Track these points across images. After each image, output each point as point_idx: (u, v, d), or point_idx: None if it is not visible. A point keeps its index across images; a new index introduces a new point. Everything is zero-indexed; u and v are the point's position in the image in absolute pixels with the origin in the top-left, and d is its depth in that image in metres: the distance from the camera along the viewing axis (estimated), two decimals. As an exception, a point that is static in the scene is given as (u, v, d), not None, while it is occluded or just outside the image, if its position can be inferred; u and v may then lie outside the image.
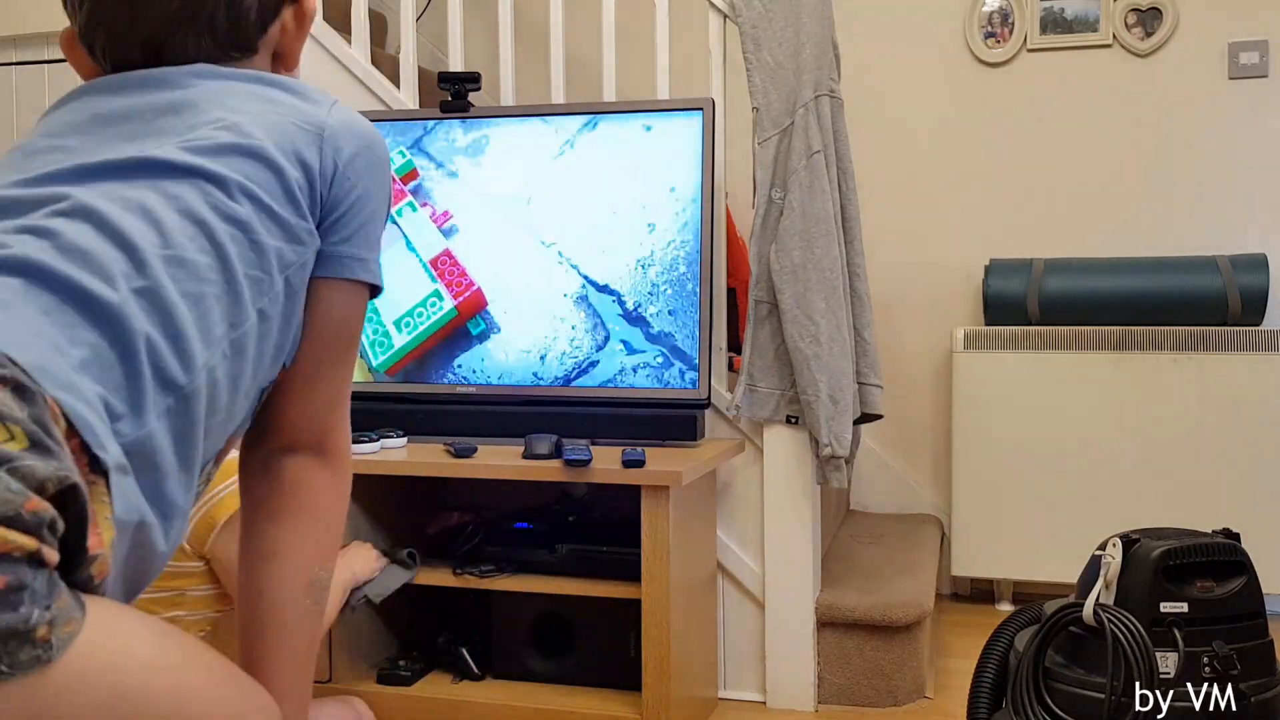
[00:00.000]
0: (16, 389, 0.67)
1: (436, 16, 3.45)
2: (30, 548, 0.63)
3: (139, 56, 0.92)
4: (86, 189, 0.80)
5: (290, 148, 0.88)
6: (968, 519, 2.97)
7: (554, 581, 2.10)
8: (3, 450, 0.63)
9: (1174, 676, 1.42)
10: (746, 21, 2.32)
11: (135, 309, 0.75)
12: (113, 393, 0.73)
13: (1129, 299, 2.89)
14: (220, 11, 0.92)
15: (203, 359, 0.79)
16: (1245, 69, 3.08)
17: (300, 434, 0.93)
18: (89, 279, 0.74)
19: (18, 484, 0.63)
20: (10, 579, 0.62)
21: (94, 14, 0.91)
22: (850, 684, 2.30)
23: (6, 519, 0.62)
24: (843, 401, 2.21)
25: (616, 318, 2.26)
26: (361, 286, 0.94)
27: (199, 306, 0.79)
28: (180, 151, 0.83)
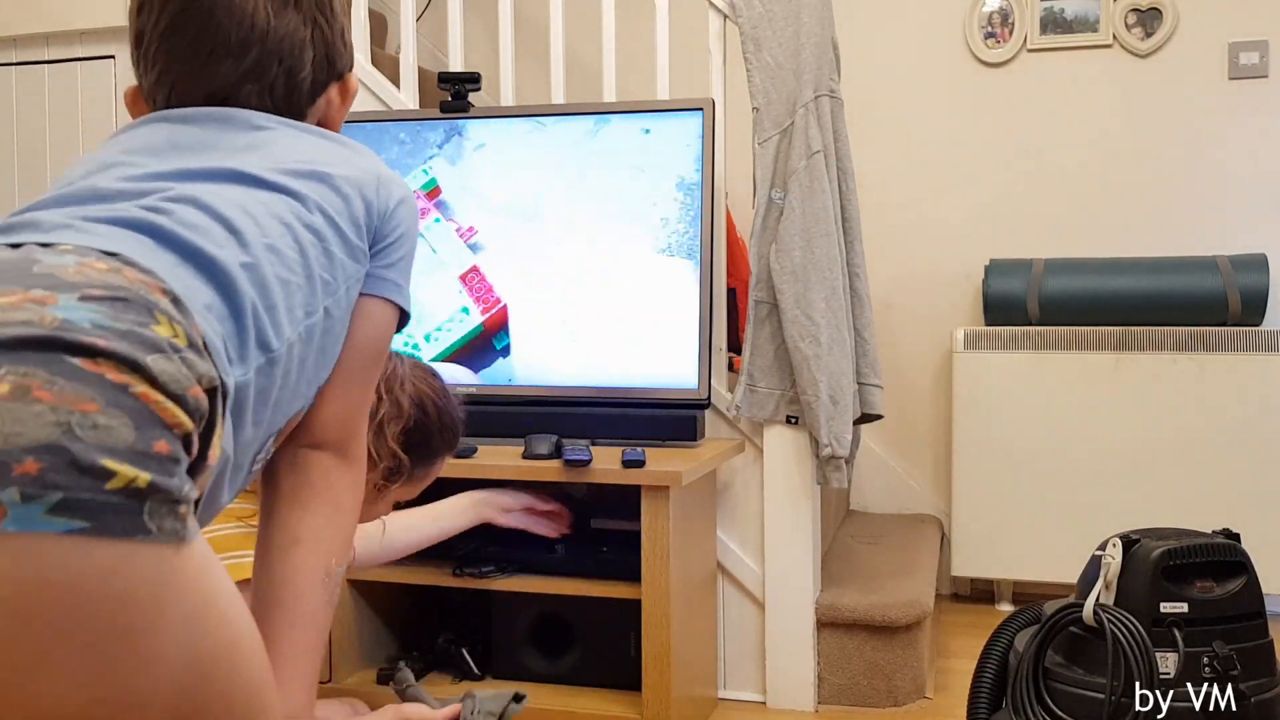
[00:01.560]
0: (175, 301, 0.77)
1: (436, 16, 3.45)
2: (189, 429, 0.72)
3: (201, 100, 1.01)
4: (188, 185, 0.90)
5: (355, 185, 1.00)
6: (968, 519, 2.97)
7: (554, 581, 2.10)
8: (173, 341, 0.73)
9: (1174, 676, 1.42)
10: (746, 21, 2.32)
11: (243, 276, 0.85)
12: (229, 338, 0.83)
13: (1129, 299, 2.89)
14: (280, 80, 1.03)
15: (288, 332, 0.89)
16: (1245, 69, 3.08)
17: (329, 434, 1.01)
18: (208, 244, 0.84)
19: (187, 370, 0.72)
20: (172, 448, 0.70)
21: (166, 72, 1.01)
22: (850, 684, 2.30)
23: (176, 396, 0.70)
24: (843, 402, 2.21)
25: (617, 318, 2.26)
26: (394, 309, 1.05)
27: (286, 289, 0.90)
28: (266, 170, 0.95)
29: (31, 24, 2.70)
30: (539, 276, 2.31)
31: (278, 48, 1.02)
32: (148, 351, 0.70)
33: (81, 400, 0.66)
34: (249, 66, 1.01)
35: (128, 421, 0.67)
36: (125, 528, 0.66)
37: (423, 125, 2.40)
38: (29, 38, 2.72)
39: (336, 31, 1.08)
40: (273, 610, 0.96)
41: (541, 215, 2.32)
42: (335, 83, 1.09)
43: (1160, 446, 2.85)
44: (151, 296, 0.75)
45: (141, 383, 0.69)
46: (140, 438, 0.67)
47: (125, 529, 0.66)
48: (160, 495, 0.68)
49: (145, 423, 0.68)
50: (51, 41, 2.71)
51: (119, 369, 0.68)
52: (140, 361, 0.69)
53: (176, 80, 1.01)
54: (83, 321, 0.69)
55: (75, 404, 0.66)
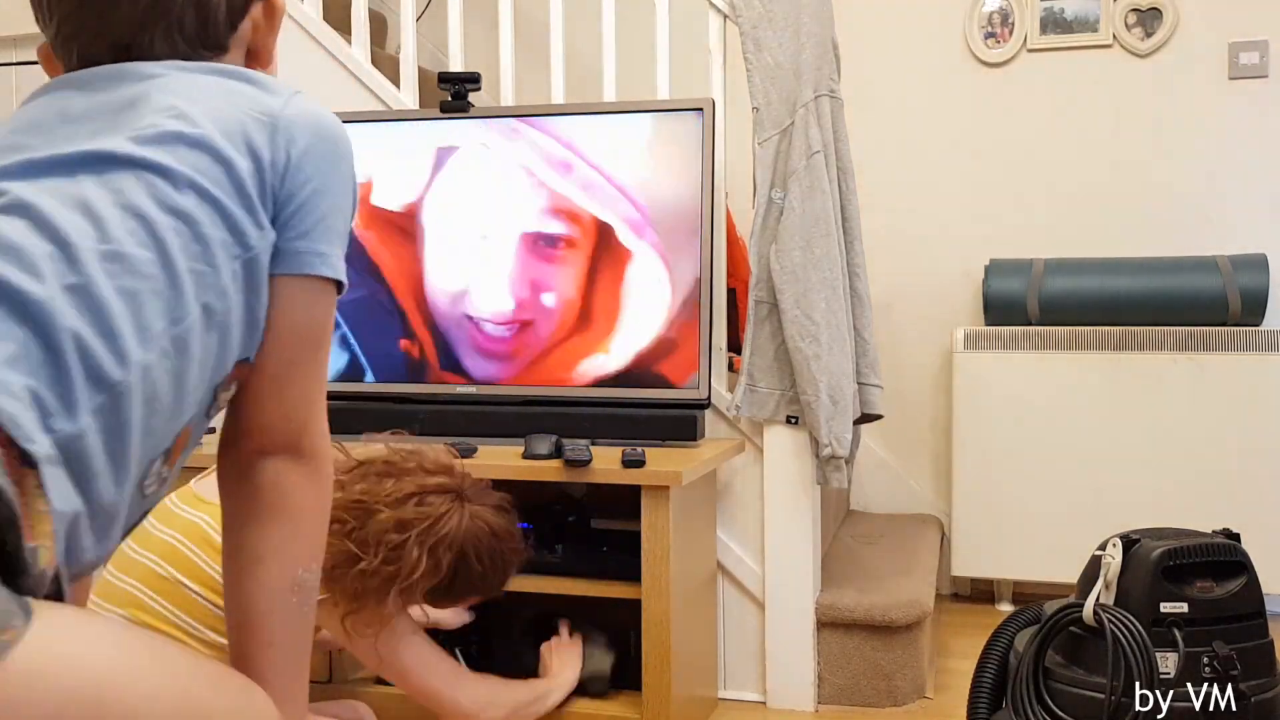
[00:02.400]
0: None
1: (436, 16, 3.45)
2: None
3: (109, 61, 0.91)
4: (28, 184, 0.79)
5: (241, 138, 0.86)
6: (968, 519, 2.97)
7: (554, 581, 2.09)
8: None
9: (1174, 676, 1.42)
10: (746, 21, 2.32)
11: (64, 305, 0.74)
12: (44, 388, 0.72)
13: (1129, 299, 2.89)
14: (189, 12, 0.91)
15: (138, 356, 0.78)
16: (1245, 69, 3.08)
17: (275, 435, 0.92)
18: (16, 275, 0.73)
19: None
20: None
21: (63, 25, 0.92)
22: (850, 684, 2.30)
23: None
24: (843, 401, 2.21)
25: (618, 316, 2.26)
26: (326, 283, 0.92)
27: (134, 302, 0.78)
28: (127, 143, 0.83)
29: (32, 24, 2.70)
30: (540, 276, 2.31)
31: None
32: None
33: None
34: (149, 3, 0.90)
35: None
36: None
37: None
38: (29, 38, 2.72)
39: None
40: (246, 630, 0.92)
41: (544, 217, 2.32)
42: (258, 1, 0.96)
43: (1160, 446, 2.84)
44: None
45: None
46: None
47: None
48: None
49: None
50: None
51: None
52: None
53: (77, 32, 0.92)
54: None
55: None
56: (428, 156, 2.37)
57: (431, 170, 2.36)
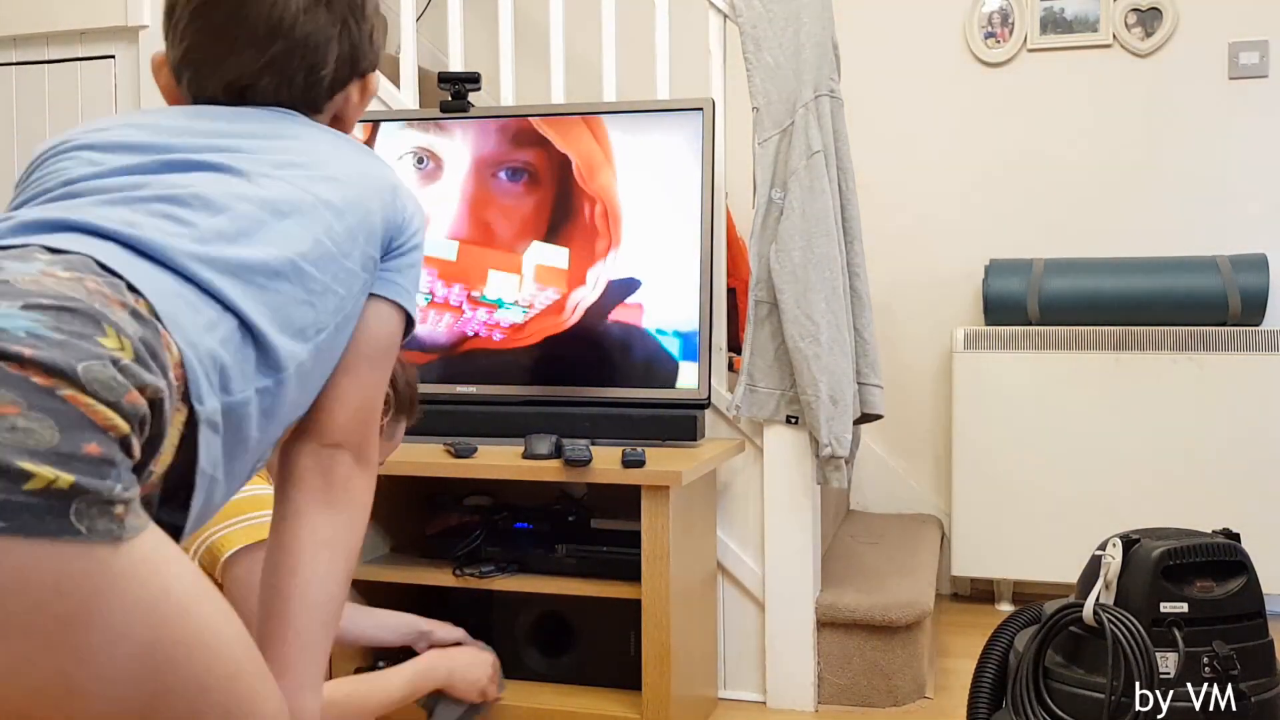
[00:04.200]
0: (134, 314, 0.78)
1: (436, 16, 3.45)
2: (124, 431, 0.72)
3: (221, 96, 1.04)
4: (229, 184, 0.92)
5: (376, 193, 1.02)
6: (968, 519, 2.97)
7: (554, 581, 2.10)
8: (115, 354, 0.74)
9: (1174, 676, 1.42)
10: (746, 21, 2.32)
11: (255, 300, 0.88)
12: (228, 354, 0.84)
13: (1129, 299, 2.89)
14: (301, 74, 1.04)
15: (300, 353, 0.92)
16: (1245, 69, 3.08)
17: (349, 435, 1.01)
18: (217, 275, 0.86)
19: (123, 378, 0.73)
20: (104, 450, 0.70)
21: (191, 50, 1.03)
22: (850, 684, 2.30)
23: (110, 402, 0.71)
24: (843, 401, 2.21)
25: (618, 317, 2.26)
26: (403, 314, 1.05)
27: (304, 308, 0.92)
28: (305, 179, 0.97)
29: (31, 24, 2.70)
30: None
31: (303, 44, 1.03)
32: (80, 359, 0.71)
33: (1, 404, 0.67)
34: (271, 58, 1.02)
35: (51, 424, 0.68)
36: (48, 528, 0.67)
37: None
38: (29, 38, 2.72)
39: (365, 33, 1.09)
40: (287, 616, 0.96)
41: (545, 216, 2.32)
42: (356, 80, 1.10)
43: (1160, 446, 2.85)
44: (105, 309, 0.76)
45: (69, 386, 0.70)
46: (65, 440, 0.68)
47: (48, 529, 0.67)
48: (88, 496, 0.68)
49: (72, 425, 0.69)
50: (51, 41, 2.71)
51: (45, 374, 0.69)
52: (66, 367, 0.70)
53: (200, 62, 1.03)
54: (16, 330, 0.70)
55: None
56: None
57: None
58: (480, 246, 2.33)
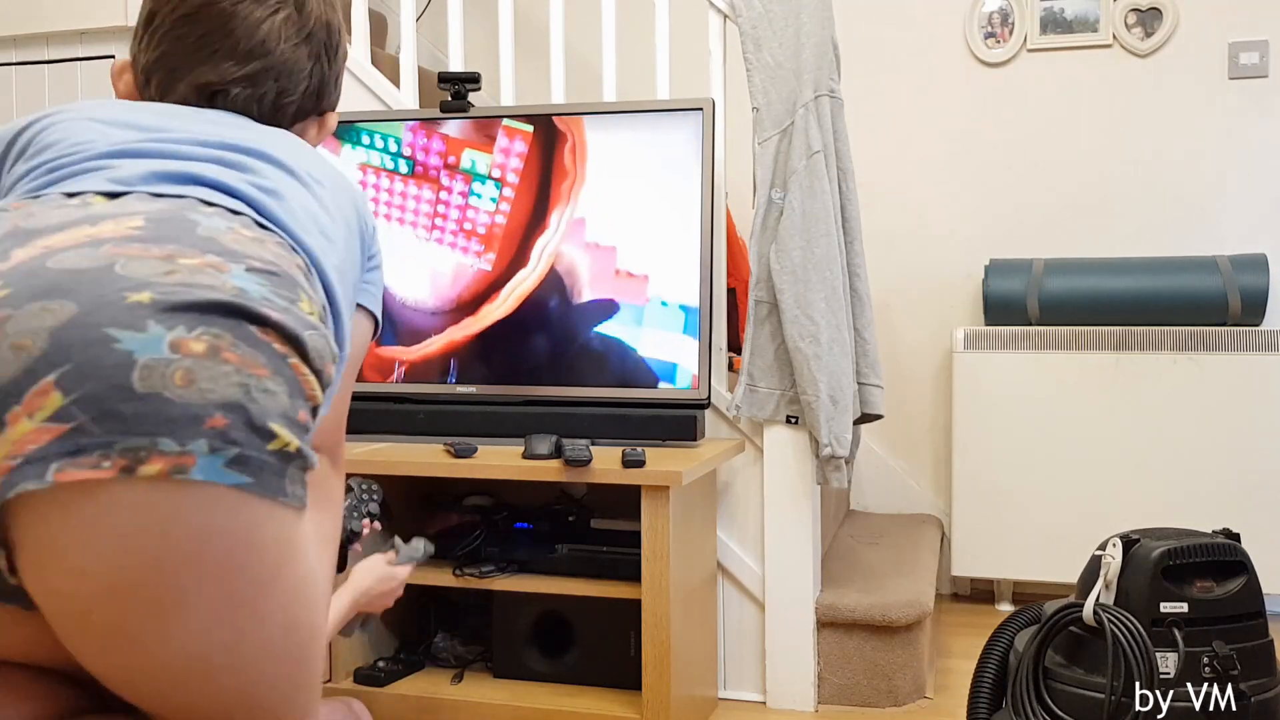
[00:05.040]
0: (307, 274, 0.84)
1: (436, 16, 3.45)
2: (319, 401, 0.78)
3: (191, 98, 1.05)
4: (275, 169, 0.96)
5: (352, 201, 1.05)
6: (968, 519, 2.97)
7: (554, 581, 2.10)
8: (313, 320, 0.80)
9: (1174, 676, 1.42)
10: (746, 21, 2.32)
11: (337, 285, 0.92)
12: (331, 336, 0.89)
13: (1129, 299, 2.89)
14: (271, 94, 1.08)
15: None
16: (1245, 69, 3.08)
17: (326, 439, 1.03)
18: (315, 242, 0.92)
19: (328, 347, 0.79)
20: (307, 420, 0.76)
21: (169, 54, 1.05)
22: (850, 684, 2.30)
23: (317, 371, 0.77)
24: (843, 401, 2.21)
25: (619, 318, 2.26)
26: (373, 317, 1.08)
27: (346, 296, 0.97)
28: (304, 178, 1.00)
29: (31, 24, 2.70)
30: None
31: (278, 68, 1.07)
32: (304, 328, 0.77)
33: (256, 365, 0.72)
34: (247, 74, 1.05)
35: (285, 389, 0.74)
36: (274, 488, 0.72)
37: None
38: (29, 38, 2.72)
39: (333, 74, 1.14)
40: None
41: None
42: (315, 117, 1.15)
43: (1160, 446, 2.85)
44: (295, 274, 0.82)
45: (295, 355, 0.76)
46: (293, 405, 0.74)
47: (274, 489, 0.72)
48: (300, 461, 0.74)
49: (296, 392, 0.75)
50: (51, 41, 2.71)
51: (283, 340, 0.75)
52: (300, 336, 0.76)
53: (175, 67, 1.05)
54: (255, 292, 0.75)
55: (252, 368, 0.72)
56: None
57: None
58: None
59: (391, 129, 2.40)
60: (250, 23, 1.04)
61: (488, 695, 2.10)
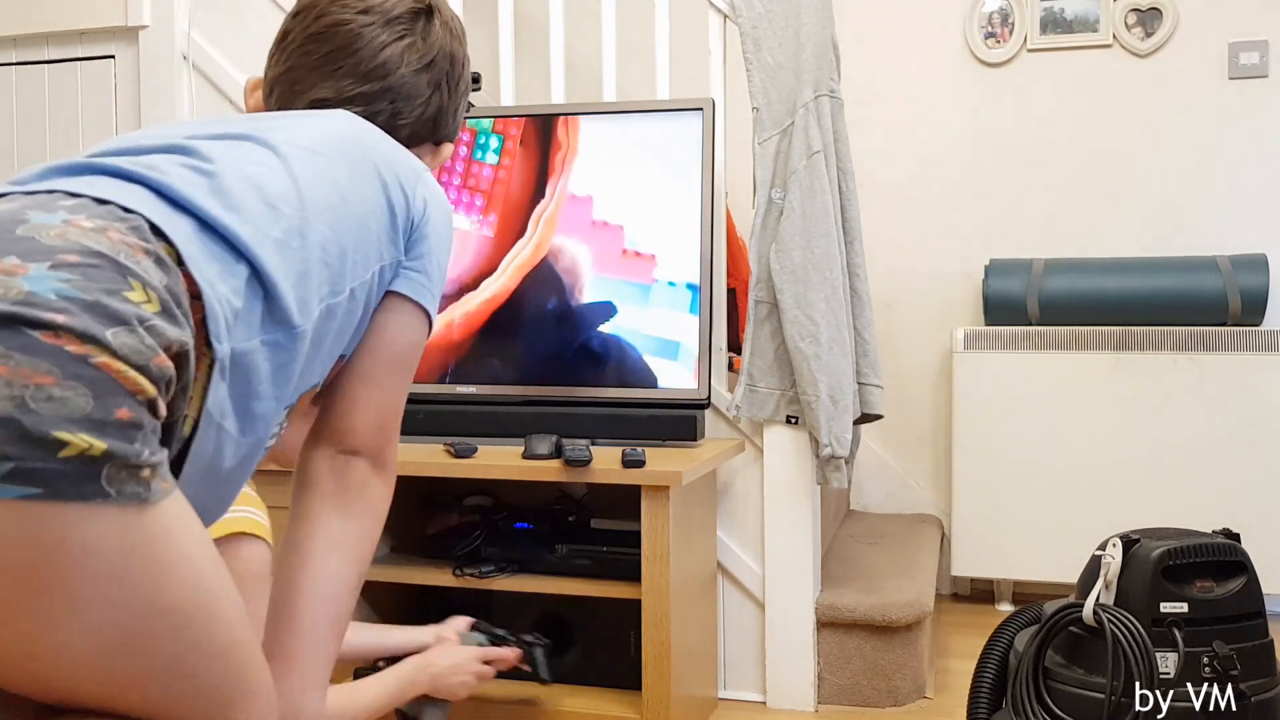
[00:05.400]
0: (158, 261, 0.79)
1: (436, 16, 3.44)
2: (152, 394, 0.74)
3: (301, 109, 1.07)
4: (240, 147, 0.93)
5: (404, 172, 1.03)
6: (968, 519, 2.97)
7: (554, 581, 2.10)
8: (141, 309, 0.75)
9: (1174, 676, 1.42)
10: (746, 21, 2.32)
11: (269, 250, 0.87)
12: (239, 302, 0.85)
13: (1129, 299, 2.89)
14: (384, 115, 1.09)
15: (314, 308, 0.91)
16: (1245, 69, 3.08)
17: (367, 440, 1.01)
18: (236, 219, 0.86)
19: (151, 339, 0.74)
20: (134, 415, 0.72)
21: (294, 69, 1.09)
22: (850, 684, 2.30)
23: (139, 366, 0.73)
24: (843, 401, 2.21)
25: (619, 318, 2.26)
26: (424, 314, 1.05)
27: (321, 263, 0.92)
28: (324, 144, 0.97)
29: (31, 24, 2.70)
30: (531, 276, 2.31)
31: (396, 90, 1.09)
32: (109, 325, 0.73)
33: (37, 374, 0.69)
34: (363, 92, 1.08)
35: (85, 392, 0.70)
36: (81, 492, 0.70)
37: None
38: (29, 38, 2.72)
39: (453, 104, 1.15)
40: (297, 615, 0.97)
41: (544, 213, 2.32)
42: (430, 144, 1.15)
43: (1160, 446, 2.85)
44: (131, 258, 0.77)
45: (101, 353, 0.72)
46: (99, 406, 0.71)
47: (81, 493, 0.70)
48: (118, 460, 0.71)
49: (105, 391, 0.71)
50: (51, 41, 2.71)
51: (78, 341, 0.71)
52: (99, 334, 0.72)
53: (297, 80, 1.08)
54: (48, 293, 0.72)
55: (30, 378, 0.69)
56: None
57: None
58: (480, 246, 2.33)
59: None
60: (375, 45, 1.07)
61: (487, 695, 2.10)
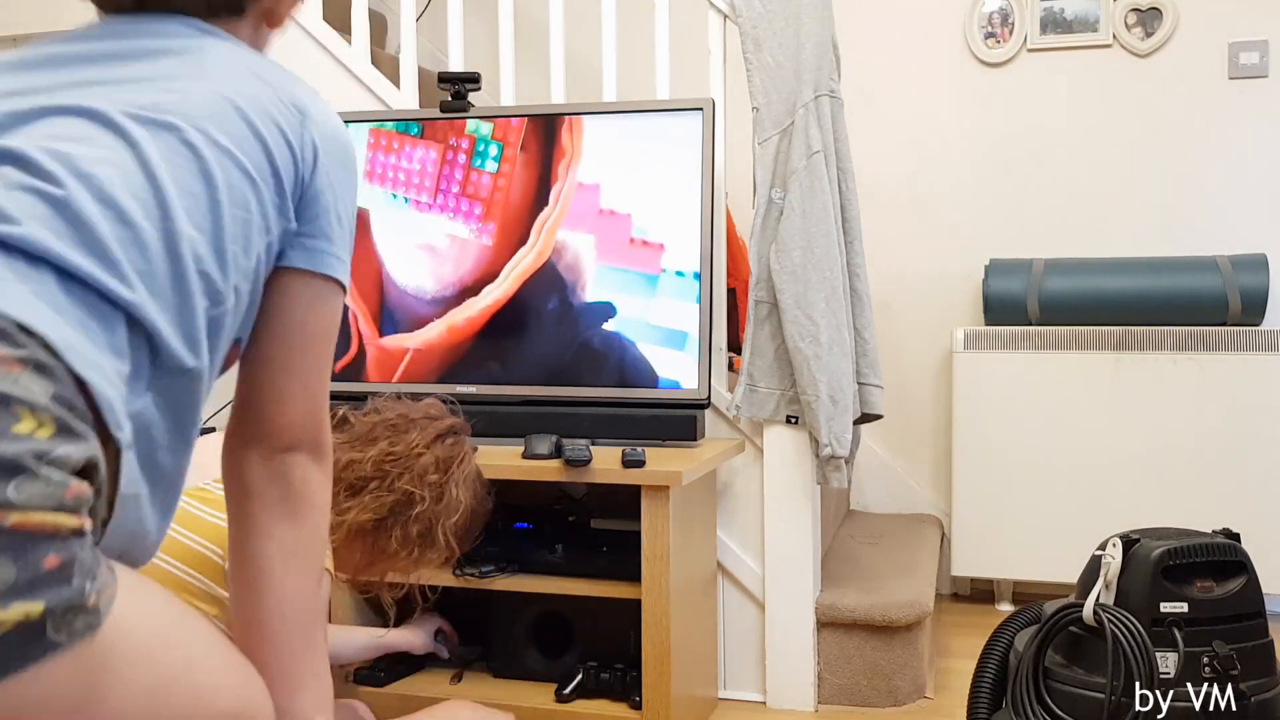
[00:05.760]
0: (38, 367, 0.69)
1: (436, 16, 3.45)
2: (75, 526, 0.68)
3: (130, 5, 0.93)
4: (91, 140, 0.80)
5: (274, 124, 0.89)
6: (968, 519, 2.97)
7: (554, 581, 2.10)
8: (37, 444, 0.67)
9: (1174, 676, 1.42)
10: (746, 21, 2.32)
11: (147, 300, 0.78)
12: (125, 366, 0.77)
13: (1129, 299, 2.89)
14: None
15: (200, 342, 0.82)
16: (1245, 69, 3.08)
17: (300, 433, 0.95)
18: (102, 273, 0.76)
19: (59, 474, 0.68)
20: (63, 557, 0.67)
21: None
22: (850, 684, 2.30)
23: (53, 508, 0.67)
24: (843, 401, 2.21)
25: (624, 310, 2.26)
26: (336, 284, 0.95)
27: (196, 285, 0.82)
28: (189, 117, 0.85)
29: (32, 24, 2.70)
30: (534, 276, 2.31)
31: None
32: (8, 479, 0.65)
33: None
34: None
35: (4, 560, 0.65)
36: (31, 656, 0.66)
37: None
38: (29, 38, 2.72)
39: None
40: (270, 627, 0.94)
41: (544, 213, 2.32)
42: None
43: (1160, 446, 2.85)
44: (8, 379, 0.67)
45: (9, 513, 0.65)
46: (23, 568, 0.65)
47: (32, 657, 0.66)
48: (58, 610, 0.67)
49: (25, 550, 0.65)
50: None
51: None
52: (1, 497, 0.65)
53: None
54: None
55: None
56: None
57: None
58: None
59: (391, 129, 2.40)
60: None
61: (487, 695, 2.10)
